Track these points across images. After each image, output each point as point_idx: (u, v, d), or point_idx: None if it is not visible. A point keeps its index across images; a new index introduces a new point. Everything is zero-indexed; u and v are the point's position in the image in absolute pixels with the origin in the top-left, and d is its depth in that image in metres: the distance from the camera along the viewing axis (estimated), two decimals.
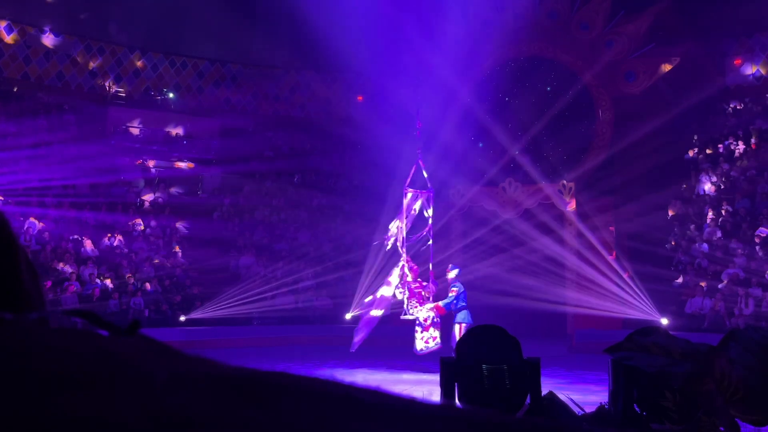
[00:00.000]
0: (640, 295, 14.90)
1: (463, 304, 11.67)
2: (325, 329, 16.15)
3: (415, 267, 12.10)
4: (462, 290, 11.75)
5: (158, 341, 0.47)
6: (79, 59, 22.33)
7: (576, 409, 4.30)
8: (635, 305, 14.80)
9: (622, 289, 15.23)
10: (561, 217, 16.64)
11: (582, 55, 18.24)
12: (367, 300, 12.71)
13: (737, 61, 20.27)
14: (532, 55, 18.61)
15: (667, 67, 17.82)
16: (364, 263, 16.97)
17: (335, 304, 17.03)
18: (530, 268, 16.12)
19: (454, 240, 17.04)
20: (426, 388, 9.31)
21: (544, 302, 15.27)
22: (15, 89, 21.14)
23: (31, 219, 16.85)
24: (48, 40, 21.91)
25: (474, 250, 16.79)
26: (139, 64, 23.27)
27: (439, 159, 17.05)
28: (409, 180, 12.67)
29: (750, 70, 20.02)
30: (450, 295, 11.71)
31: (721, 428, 2.28)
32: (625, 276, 15.49)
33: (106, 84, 22.59)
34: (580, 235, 16.27)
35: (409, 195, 12.60)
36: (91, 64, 22.51)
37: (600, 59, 18.03)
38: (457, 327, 11.47)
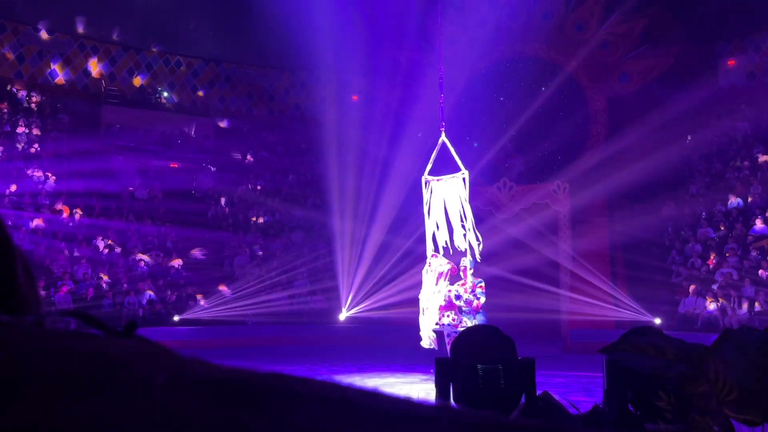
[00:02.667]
0: (632, 296, 14.95)
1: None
2: (321, 329, 16.15)
3: (455, 269, 10.01)
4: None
5: (155, 343, 0.47)
6: (72, 58, 22.25)
7: (571, 409, 4.31)
8: (627, 306, 14.84)
9: (615, 290, 15.27)
10: (555, 217, 16.67)
11: (577, 56, 18.30)
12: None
13: (730, 62, 20.36)
14: (527, 55, 18.67)
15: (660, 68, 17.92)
16: (349, 263, 16.98)
17: (330, 305, 17.03)
18: (524, 270, 16.11)
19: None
20: (423, 389, 9.32)
21: (538, 304, 15.31)
22: (8, 88, 21.06)
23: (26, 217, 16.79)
24: (41, 38, 21.83)
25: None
26: (133, 62, 23.21)
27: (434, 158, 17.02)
28: (430, 166, 10.58)
29: (743, 70, 20.12)
30: (479, 291, 9.70)
31: (716, 428, 2.29)
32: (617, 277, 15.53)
33: (100, 83, 22.53)
34: (573, 236, 16.31)
35: (433, 185, 10.47)
36: (85, 63, 22.45)
37: (594, 60, 18.09)
38: None
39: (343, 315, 16.82)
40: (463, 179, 10.25)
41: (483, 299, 9.59)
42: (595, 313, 14.96)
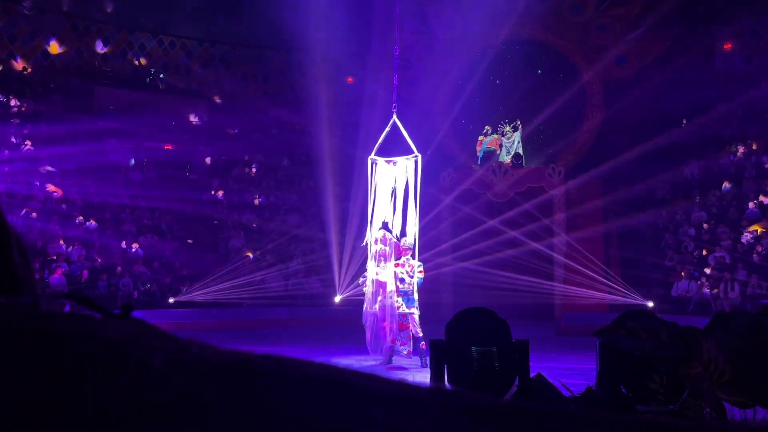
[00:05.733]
0: (626, 279, 15.02)
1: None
2: (316, 312, 16.18)
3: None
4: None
5: (152, 325, 0.47)
6: (65, 38, 22.03)
7: (564, 391, 4.34)
8: (621, 290, 14.93)
9: (609, 273, 15.35)
10: (549, 200, 16.69)
11: (573, 39, 18.23)
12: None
13: (727, 46, 20.30)
14: (524, 37, 18.57)
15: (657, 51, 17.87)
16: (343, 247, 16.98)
17: (325, 287, 17.05)
18: (519, 253, 16.16)
19: (443, 230, 17.02)
20: (417, 372, 9.36)
21: (532, 287, 15.38)
22: (0, 68, 20.85)
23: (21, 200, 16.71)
24: (33, 17, 21.59)
25: (464, 239, 16.76)
26: (126, 43, 22.99)
27: (428, 142, 17.02)
28: (377, 147, 10.25)
29: (740, 54, 20.06)
30: (419, 275, 9.55)
31: (707, 410, 2.32)
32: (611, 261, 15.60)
33: (94, 63, 22.32)
34: (568, 219, 16.35)
35: (380, 166, 10.13)
36: (78, 43, 22.22)
37: (591, 42, 18.02)
38: (416, 316, 9.53)
39: (338, 297, 16.85)
40: (416, 162, 9.93)
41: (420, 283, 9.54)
42: (588, 296, 15.05)
